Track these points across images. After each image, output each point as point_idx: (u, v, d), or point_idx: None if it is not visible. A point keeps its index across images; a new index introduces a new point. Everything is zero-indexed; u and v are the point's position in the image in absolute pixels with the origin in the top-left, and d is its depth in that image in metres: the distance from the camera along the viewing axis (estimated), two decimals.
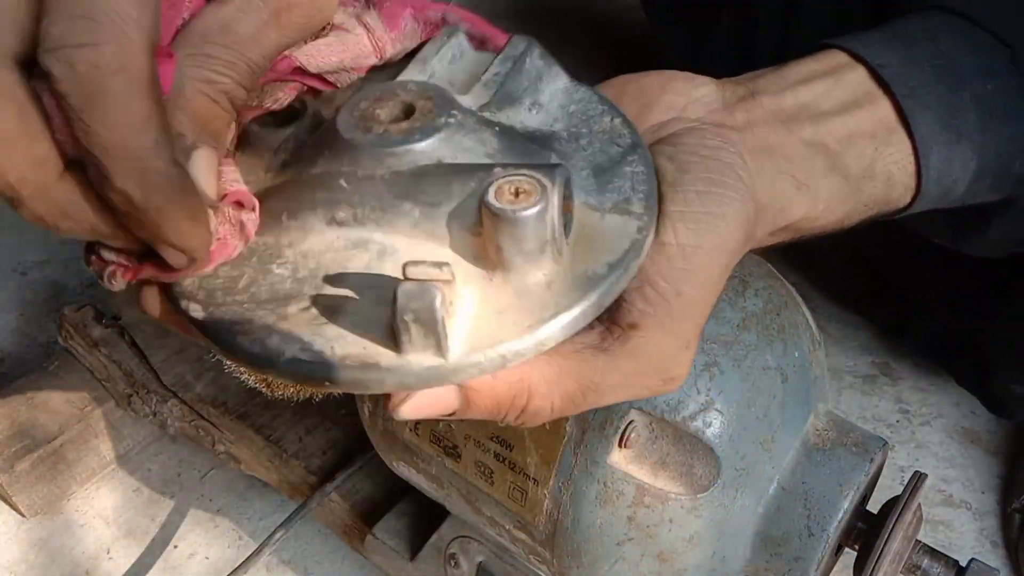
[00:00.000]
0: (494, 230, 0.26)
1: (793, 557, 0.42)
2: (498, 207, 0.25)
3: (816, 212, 0.35)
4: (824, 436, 0.43)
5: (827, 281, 0.88)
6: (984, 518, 0.70)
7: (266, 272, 0.28)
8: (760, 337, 0.41)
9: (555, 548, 0.43)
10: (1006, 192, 0.41)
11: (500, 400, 0.28)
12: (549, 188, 0.26)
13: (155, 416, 0.69)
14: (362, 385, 0.26)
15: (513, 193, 0.26)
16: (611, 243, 0.28)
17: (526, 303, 0.26)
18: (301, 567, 0.67)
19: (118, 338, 0.70)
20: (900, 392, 0.80)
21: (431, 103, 0.29)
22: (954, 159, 0.38)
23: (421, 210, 0.27)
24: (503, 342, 0.26)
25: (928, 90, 0.37)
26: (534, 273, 0.27)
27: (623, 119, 0.32)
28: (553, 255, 0.27)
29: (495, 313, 0.26)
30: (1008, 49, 0.40)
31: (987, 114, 0.39)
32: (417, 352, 0.25)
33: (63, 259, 0.97)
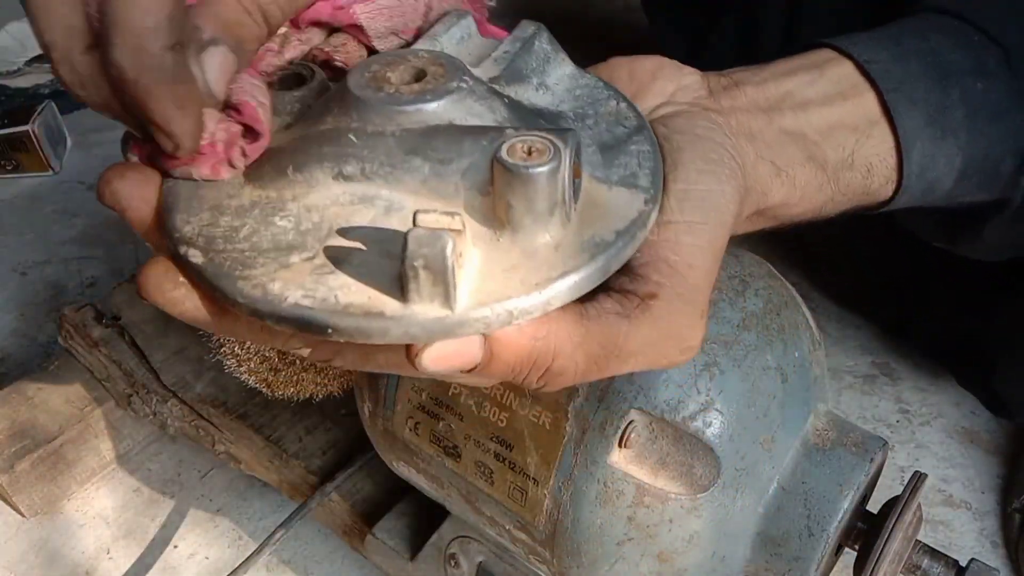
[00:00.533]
0: (505, 187, 0.26)
1: (793, 557, 0.42)
2: (511, 163, 0.25)
3: (794, 199, 0.36)
4: (824, 436, 0.43)
5: (827, 281, 0.88)
6: (984, 518, 0.70)
7: (268, 223, 0.28)
8: (760, 337, 0.41)
9: (555, 548, 0.43)
10: (996, 193, 0.41)
11: (524, 355, 0.27)
12: (562, 148, 0.26)
13: (155, 416, 0.69)
14: (365, 334, 0.25)
15: (526, 151, 0.26)
16: (618, 213, 0.28)
17: (533, 263, 0.26)
18: (301, 567, 0.67)
19: (118, 338, 0.70)
20: (900, 392, 0.80)
21: (442, 69, 0.29)
22: (938, 155, 0.38)
23: (431, 167, 0.27)
24: (510, 298, 0.25)
25: (915, 85, 0.38)
26: (542, 234, 0.26)
27: (628, 103, 0.32)
28: (562, 218, 0.27)
29: (502, 271, 0.26)
30: (1001, 50, 0.40)
31: (975, 112, 0.39)
32: (424, 302, 0.25)
33: (63, 259, 0.97)
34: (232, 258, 0.27)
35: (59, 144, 1.12)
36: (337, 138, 0.28)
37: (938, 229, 0.47)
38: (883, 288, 0.82)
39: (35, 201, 1.07)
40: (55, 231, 1.01)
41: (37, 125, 1.07)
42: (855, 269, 0.85)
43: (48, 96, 1.18)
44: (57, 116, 1.13)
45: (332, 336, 0.25)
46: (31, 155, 1.07)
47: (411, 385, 0.46)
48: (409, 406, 0.46)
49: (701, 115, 0.33)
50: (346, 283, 0.26)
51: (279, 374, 0.59)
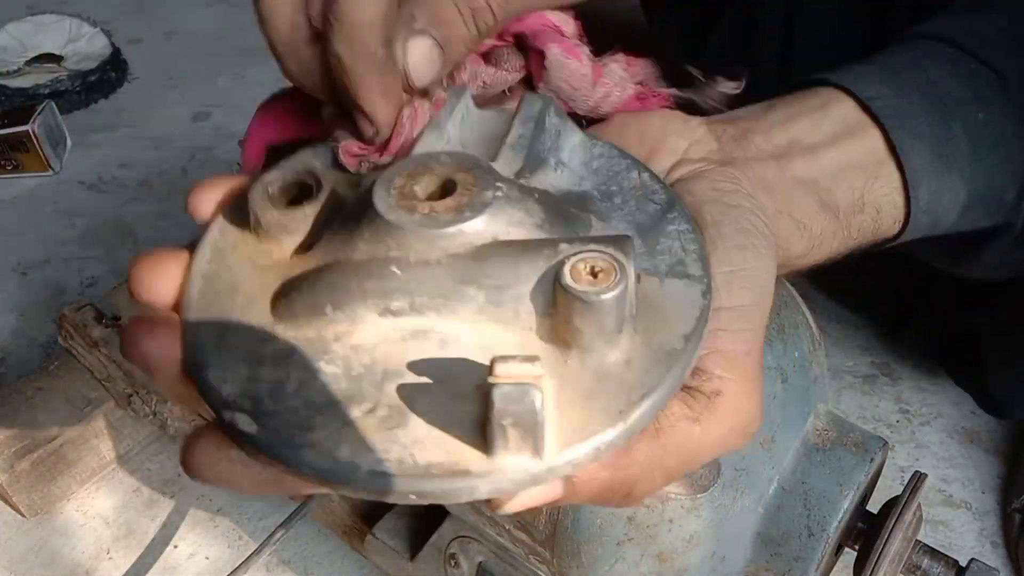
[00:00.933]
0: (572, 313, 0.24)
1: (793, 557, 0.42)
2: (579, 290, 0.24)
3: (811, 250, 0.36)
4: (824, 436, 0.43)
5: (827, 281, 0.88)
6: (984, 518, 0.70)
7: (314, 371, 0.25)
8: None
9: (555, 548, 0.43)
10: (998, 219, 0.41)
11: (606, 488, 0.27)
12: (626, 264, 0.24)
13: (155, 416, 0.69)
14: (451, 496, 0.24)
15: (590, 273, 0.24)
16: (679, 311, 0.27)
17: (609, 386, 0.25)
18: (301, 567, 0.67)
19: (118, 338, 0.70)
20: (900, 392, 0.80)
21: (471, 176, 0.27)
22: (943, 190, 0.38)
23: (486, 295, 0.25)
24: (596, 434, 0.24)
25: (918, 120, 0.37)
26: (612, 353, 0.25)
27: (651, 173, 0.31)
28: (629, 332, 0.25)
29: (580, 400, 0.24)
30: (995, 75, 0.40)
31: (977, 144, 0.39)
32: (511, 454, 0.23)
33: (63, 259, 0.97)
34: (287, 420, 0.24)
35: (59, 144, 1.12)
36: (379, 272, 0.26)
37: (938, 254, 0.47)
38: (882, 287, 0.82)
39: (35, 201, 1.07)
40: (55, 231, 1.01)
41: (37, 125, 1.07)
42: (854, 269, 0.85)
43: (48, 96, 1.18)
44: (57, 116, 1.13)
45: (415, 502, 0.24)
46: (31, 155, 1.08)
47: None
48: None
49: (721, 173, 0.33)
50: (419, 438, 0.24)
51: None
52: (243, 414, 0.24)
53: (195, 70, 1.31)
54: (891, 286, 0.81)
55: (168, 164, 1.12)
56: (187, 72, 1.31)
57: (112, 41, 1.31)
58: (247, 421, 0.24)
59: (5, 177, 1.09)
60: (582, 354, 0.25)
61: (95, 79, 1.24)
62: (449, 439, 0.24)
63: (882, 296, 0.83)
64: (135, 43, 1.36)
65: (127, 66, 1.31)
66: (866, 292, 0.85)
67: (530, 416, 0.22)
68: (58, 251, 0.98)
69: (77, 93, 1.22)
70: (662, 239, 0.29)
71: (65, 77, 1.23)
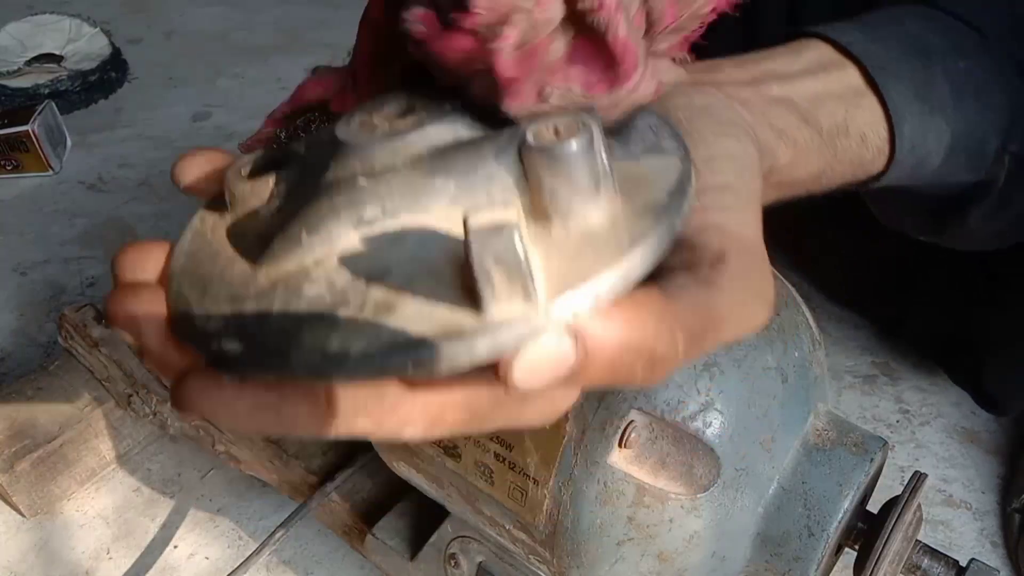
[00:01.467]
0: (543, 174, 0.24)
1: (793, 557, 0.42)
2: (543, 145, 0.23)
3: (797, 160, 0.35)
4: (824, 436, 0.43)
5: (827, 281, 0.88)
6: (984, 518, 0.70)
7: (298, 296, 0.25)
8: (760, 337, 0.41)
9: (555, 548, 0.43)
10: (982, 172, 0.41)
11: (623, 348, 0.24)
12: (589, 119, 0.24)
13: (155, 416, 0.69)
14: (450, 360, 0.22)
15: (553, 132, 0.24)
16: (659, 176, 0.26)
17: (597, 242, 0.24)
18: (301, 567, 0.67)
19: (118, 338, 0.70)
20: (900, 392, 0.80)
21: (427, 99, 0.28)
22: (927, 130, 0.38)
23: (456, 182, 0.25)
24: (591, 277, 0.23)
25: (898, 65, 0.38)
26: (594, 213, 0.24)
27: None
28: (608, 192, 0.25)
29: (569, 260, 0.23)
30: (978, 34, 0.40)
31: (960, 89, 0.39)
32: (502, 304, 0.22)
33: (63, 259, 0.97)
34: (274, 337, 0.24)
35: (59, 144, 1.12)
36: (346, 186, 0.26)
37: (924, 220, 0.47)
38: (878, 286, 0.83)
39: (35, 201, 1.07)
40: (55, 231, 1.01)
41: (37, 125, 1.07)
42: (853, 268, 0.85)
43: (48, 96, 1.18)
44: (57, 116, 1.13)
45: (413, 373, 0.22)
46: (31, 155, 1.08)
47: None
48: None
49: (693, 89, 0.32)
50: (408, 316, 0.23)
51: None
52: (228, 339, 0.24)
53: (195, 70, 1.31)
54: (889, 285, 0.81)
55: (168, 164, 1.10)
56: (187, 72, 1.31)
57: (112, 41, 1.31)
58: (234, 345, 0.24)
59: (5, 177, 1.09)
60: (563, 220, 0.24)
61: (95, 79, 1.24)
62: (439, 310, 0.23)
63: (877, 294, 0.83)
64: (135, 43, 1.36)
65: (127, 66, 1.31)
66: (864, 291, 0.85)
67: (510, 253, 0.21)
68: (58, 251, 0.98)
69: (77, 93, 1.22)
70: (634, 133, 0.28)
71: (65, 77, 1.23)
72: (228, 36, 1.39)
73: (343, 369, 0.22)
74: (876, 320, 0.85)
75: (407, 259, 0.25)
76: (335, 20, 1.43)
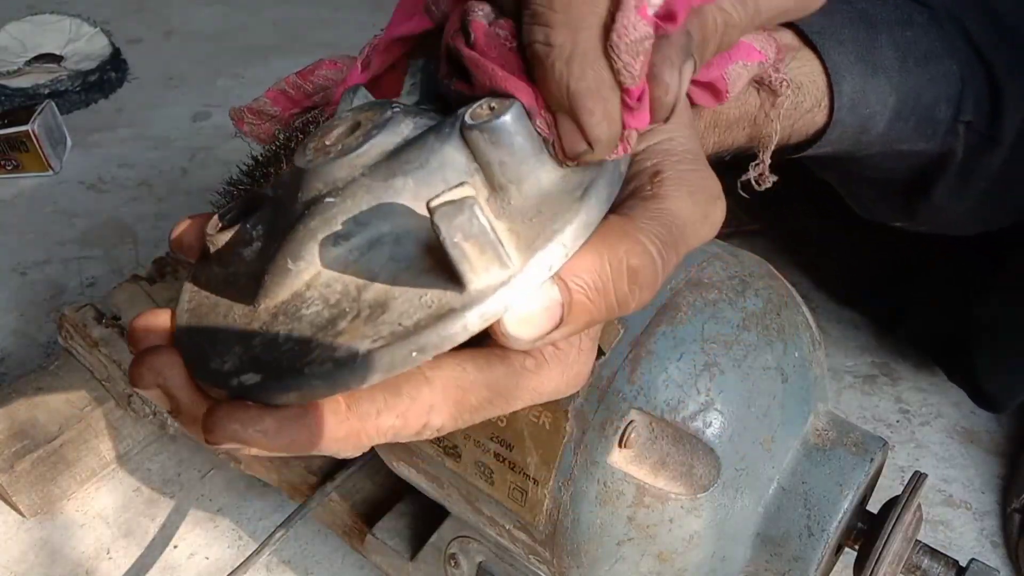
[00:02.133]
0: (486, 148, 0.26)
1: (793, 557, 0.42)
2: (481, 122, 0.25)
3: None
4: (824, 436, 0.43)
5: (827, 281, 0.88)
6: (984, 518, 0.70)
7: (299, 319, 0.27)
8: (760, 337, 0.41)
9: (555, 548, 0.43)
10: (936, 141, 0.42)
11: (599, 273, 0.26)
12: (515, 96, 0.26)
13: (155, 416, 0.69)
14: (449, 337, 0.24)
15: (487, 109, 0.26)
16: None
17: (553, 198, 0.26)
18: (301, 567, 0.67)
19: (118, 338, 0.70)
20: (900, 392, 0.80)
21: (371, 112, 0.29)
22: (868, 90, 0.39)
23: (413, 178, 0.27)
24: (556, 232, 0.25)
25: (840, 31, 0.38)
26: (543, 175, 0.26)
27: None
28: (551, 154, 0.27)
29: (532, 220, 0.25)
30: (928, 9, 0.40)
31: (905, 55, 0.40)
32: (481, 275, 0.24)
33: (63, 259, 0.97)
34: (285, 359, 0.26)
35: (59, 144, 1.12)
36: (316, 209, 0.27)
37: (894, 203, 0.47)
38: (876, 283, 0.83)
39: (35, 201, 1.07)
40: (55, 231, 1.01)
41: (37, 125, 1.07)
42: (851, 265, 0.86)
43: (48, 96, 1.18)
44: (57, 116, 1.13)
45: (419, 359, 0.24)
46: (31, 155, 1.08)
47: None
48: None
49: None
50: (402, 311, 0.25)
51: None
52: (248, 374, 0.26)
53: (195, 70, 1.31)
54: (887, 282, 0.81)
55: (168, 164, 1.12)
56: (187, 72, 1.31)
57: (112, 41, 1.31)
58: (251, 376, 0.25)
59: (5, 177, 1.09)
60: (518, 186, 0.26)
61: (95, 79, 1.24)
62: (427, 299, 0.25)
63: (878, 292, 0.83)
64: (135, 43, 1.36)
65: (127, 66, 1.31)
66: (863, 288, 0.85)
67: (476, 225, 0.23)
68: (58, 251, 0.98)
69: (77, 93, 1.22)
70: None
71: (65, 77, 1.23)
72: (228, 36, 1.39)
73: (354, 372, 0.24)
74: (874, 317, 0.85)
75: (387, 259, 0.26)
76: (335, 20, 1.43)
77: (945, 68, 0.41)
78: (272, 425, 0.25)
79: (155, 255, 0.78)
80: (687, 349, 0.40)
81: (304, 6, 1.48)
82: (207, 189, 0.69)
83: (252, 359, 0.26)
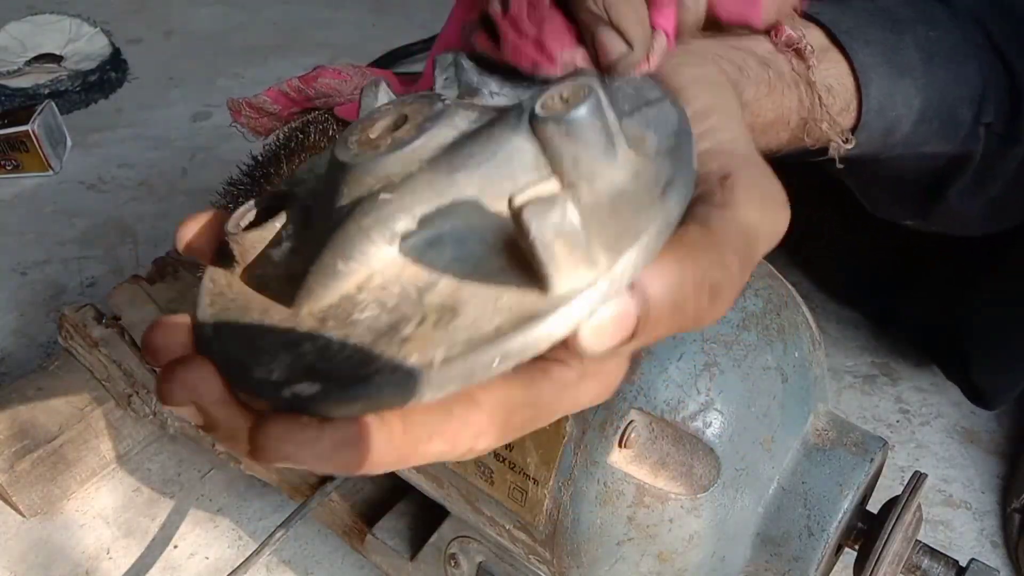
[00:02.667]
0: (560, 143, 0.24)
1: (793, 557, 0.42)
2: (555, 115, 0.24)
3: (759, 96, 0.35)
4: (824, 436, 0.43)
5: (827, 281, 0.88)
6: (984, 518, 0.70)
7: (352, 324, 0.24)
8: (760, 337, 0.41)
9: (555, 548, 0.43)
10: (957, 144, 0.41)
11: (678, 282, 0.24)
12: (591, 83, 0.24)
13: (155, 416, 0.69)
14: (532, 345, 0.22)
15: (560, 100, 0.24)
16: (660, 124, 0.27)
17: (629, 196, 0.24)
18: (301, 567, 0.67)
19: (118, 338, 0.70)
20: (900, 392, 0.80)
21: (417, 105, 0.27)
22: (896, 93, 0.39)
23: (479, 171, 0.25)
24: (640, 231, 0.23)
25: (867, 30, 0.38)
26: (616, 172, 0.24)
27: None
28: (623, 149, 0.25)
29: (607, 219, 0.23)
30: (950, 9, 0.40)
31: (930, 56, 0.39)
32: (566, 276, 0.22)
33: (63, 259, 0.97)
34: (345, 367, 0.23)
35: (59, 144, 1.12)
36: (370, 205, 0.25)
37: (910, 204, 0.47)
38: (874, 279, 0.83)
39: (35, 201, 1.07)
40: (55, 231, 1.01)
41: (37, 125, 1.07)
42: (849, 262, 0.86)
43: (48, 96, 1.18)
44: (57, 116, 1.13)
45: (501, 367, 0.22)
46: (31, 155, 1.08)
47: None
48: None
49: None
50: (476, 317, 0.22)
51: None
52: (302, 384, 0.23)
53: (195, 70, 1.31)
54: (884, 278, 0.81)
55: (168, 164, 1.12)
56: (187, 72, 1.31)
57: (112, 41, 1.31)
58: (308, 387, 0.23)
59: (5, 177, 1.09)
60: (590, 184, 0.24)
61: (95, 79, 1.24)
62: (504, 299, 0.22)
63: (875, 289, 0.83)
64: (135, 43, 1.36)
65: (127, 66, 1.31)
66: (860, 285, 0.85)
67: (568, 223, 0.21)
68: (58, 251, 0.98)
69: (77, 93, 1.22)
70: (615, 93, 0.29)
71: (65, 77, 1.23)
72: (227, 36, 1.39)
73: (430, 381, 0.22)
74: (871, 314, 0.85)
75: (451, 260, 0.24)
76: (335, 20, 1.43)
77: (968, 69, 0.41)
78: (328, 449, 0.23)
79: (155, 255, 0.78)
80: (687, 349, 0.40)
81: (304, 6, 1.48)
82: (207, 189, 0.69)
83: (306, 368, 0.24)
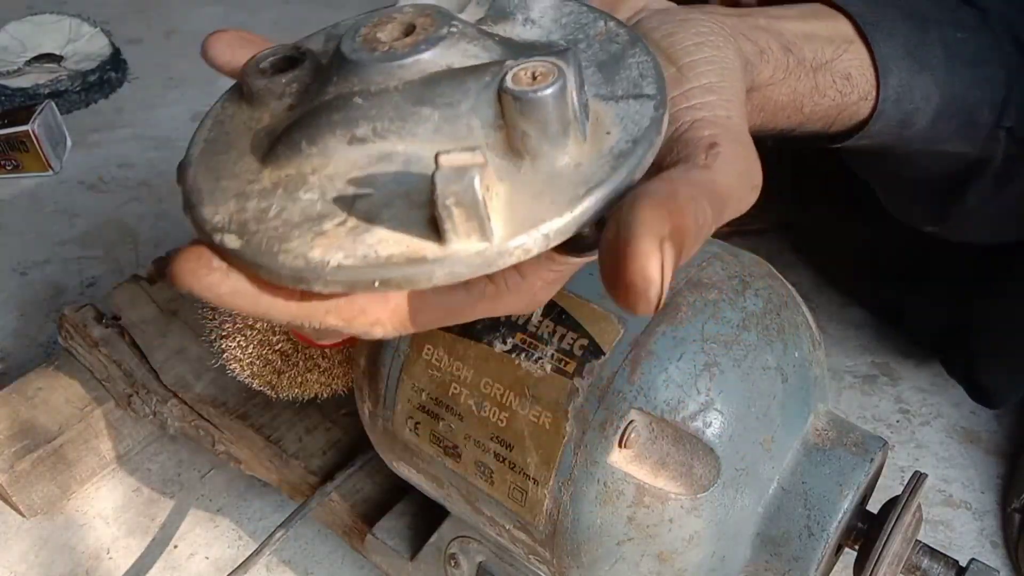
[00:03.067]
0: (517, 116, 0.26)
1: (793, 557, 0.42)
2: (518, 90, 0.26)
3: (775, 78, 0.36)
4: (824, 436, 0.43)
5: (827, 281, 0.88)
6: (984, 518, 0.70)
7: (294, 200, 0.28)
8: (760, 337, 0.41)
9: (555, 548, 0.43)
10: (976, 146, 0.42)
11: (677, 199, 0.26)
12: (564, 67, 0.26)
13: (155, 416, 0.69)
14: (411, 281, 0.25)
15: (530, 77, 0.26)
16: (632, 123, 0.28)
17: (559, 184, 0.26)
18: (301, 567, 0.67)
19: (118, 338, 0.70)
20: (900, 392, 0.80)
21: (430, 19, 0.29)
22: (915, 86, 0.39)
23: (440, 113, 0.28)
24: (544, 221, 0.26)
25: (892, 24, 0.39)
26: (561, 156, 0.27)
27: (616, 21, 0.33)
28: (576, 137, 0.27)
29: (530, 198, 0.26)
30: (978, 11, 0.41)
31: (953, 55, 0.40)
32: (461, 239, 0.25)
33: (63, 259, 0.97)
34: (268, 236, 0.27)
35: (59, 144, 1.12)
36: (343, 104, 0.28)
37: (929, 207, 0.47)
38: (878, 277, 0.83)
39: (35, 201, 1.07)
40: (55, 231, 1.01)
41: (37, 125, 1.07)
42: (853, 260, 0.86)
43: (48, 96, 1.18)
44: (57, 116, 1.13)
45: (379, 289, 0.26)
46: (31, 155, 1.08)
47: (411, 385, 0.46)
48: (409, 406, 0.46)
49: (676, 11, 0.34)
50: (382, 238, 0.26)
51: (282, 376, 0.59)
52: (231, 235, 0.27)
53: (195, 70, 1.31)
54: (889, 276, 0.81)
55: (168, 164, 1.12)
56: (187, 72, 1.31)
57: (112, 41, 1.31)
58: (233, 239, 0.27)
59: (5, 177, 1.09)
60: (533, 160, 0.27)
61: (95, 79, 1.24)
62: (408, 237, 0.26)
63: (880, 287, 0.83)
64: (135, 43, 1.36)
65: (127, 66, 1.31)
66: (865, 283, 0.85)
67: (469, 195, 0.24)
68: (58, 251, 0.98)
69: (77, 93, 1.22)
70: (622, 71, 0.30)
71: (65, 77, 1.23)
72: None
73: (320, 278, 0.26)
74: (875, 312, 0.85)
75: (391, 179, 0.27)
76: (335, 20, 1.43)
77: (991, 73, 0.41)
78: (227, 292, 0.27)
79: (155, 255, 0.78)
80: (687, 349, 0.40)
81: (304, 6, 1.48)
82: None
83: (241, 223, 0.28)
